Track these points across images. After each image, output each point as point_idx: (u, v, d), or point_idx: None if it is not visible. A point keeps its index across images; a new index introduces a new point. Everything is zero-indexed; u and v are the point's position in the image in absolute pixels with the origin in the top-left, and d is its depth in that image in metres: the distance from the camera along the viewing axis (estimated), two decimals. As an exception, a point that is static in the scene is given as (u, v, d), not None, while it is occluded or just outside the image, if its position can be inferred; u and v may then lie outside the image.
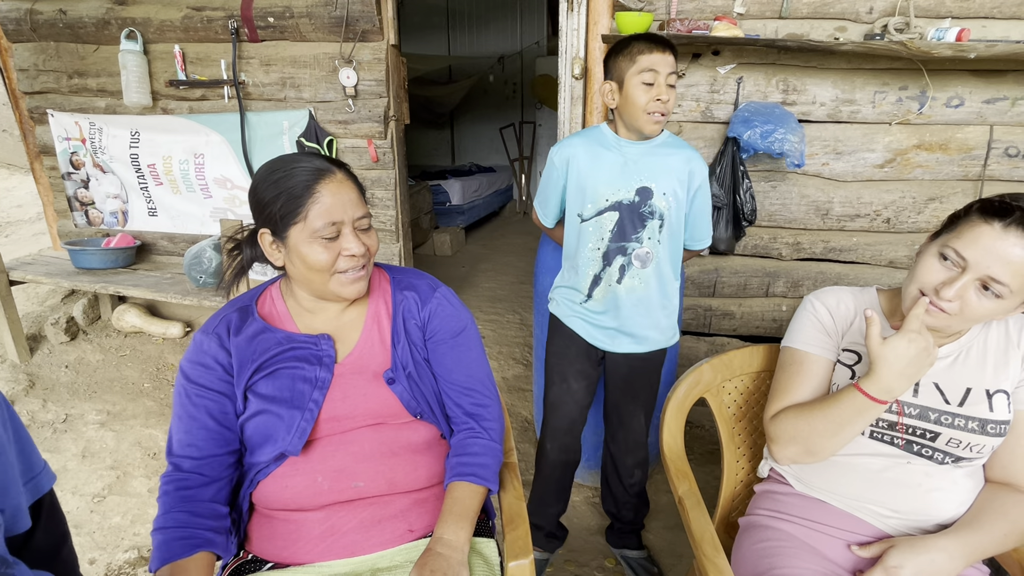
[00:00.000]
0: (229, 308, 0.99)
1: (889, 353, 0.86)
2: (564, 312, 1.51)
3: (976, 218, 0.86)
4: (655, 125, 1.31)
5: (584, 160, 1.39)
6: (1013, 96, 1.99)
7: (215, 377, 0.93)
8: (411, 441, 0.99)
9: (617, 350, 1.47)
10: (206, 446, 0.91)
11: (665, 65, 1.27)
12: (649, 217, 1.37)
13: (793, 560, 0.96)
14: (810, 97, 2.08)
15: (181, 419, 0.92)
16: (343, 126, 2.63)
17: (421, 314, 1.03)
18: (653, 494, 1.98)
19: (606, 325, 1.45)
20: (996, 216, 0.84)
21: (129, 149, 2.87)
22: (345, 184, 0.92)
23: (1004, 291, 0.84)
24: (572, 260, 1.47)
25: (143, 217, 3.03)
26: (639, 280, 1.40)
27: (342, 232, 0.91)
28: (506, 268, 4.63)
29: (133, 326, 3.10)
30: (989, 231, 0.84)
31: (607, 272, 1.40)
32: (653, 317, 1.44)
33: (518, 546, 0.96)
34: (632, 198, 1.36)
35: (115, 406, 2.55)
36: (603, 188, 1.37)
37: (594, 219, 1.38)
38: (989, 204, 0.86)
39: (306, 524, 0.92)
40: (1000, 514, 0.92)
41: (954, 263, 0.87)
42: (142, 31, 2.65)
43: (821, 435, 0.94)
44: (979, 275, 0.84)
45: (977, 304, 0.85)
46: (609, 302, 1.42)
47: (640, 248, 1.38)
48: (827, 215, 2.20)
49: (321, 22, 2.47)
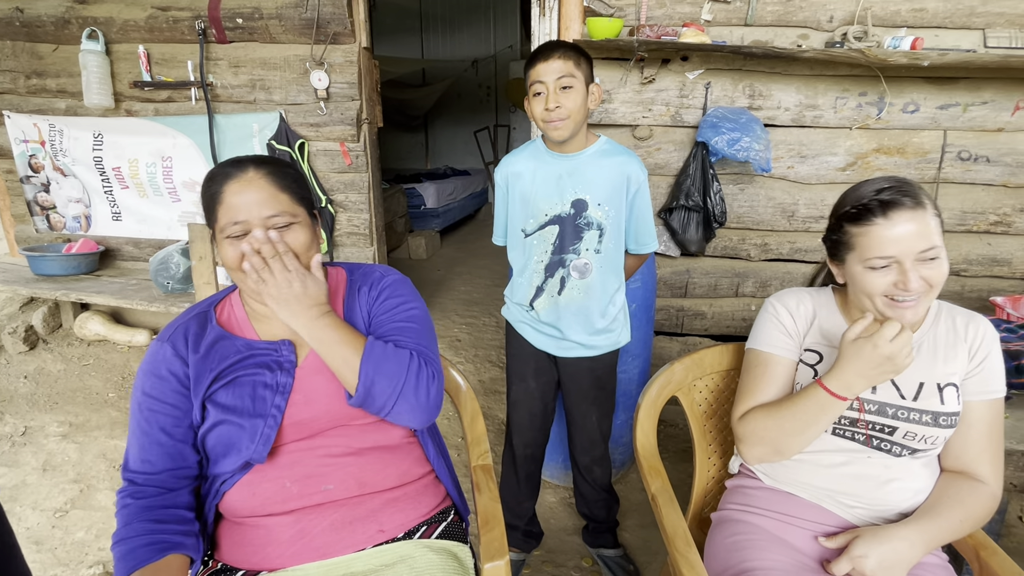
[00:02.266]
0: (186, 315, 0.97)
1: (854, 352, 0.90)
2: (514, 318, 1.55)
3: (863, 227, 0.92)
4: (557, 132, 1.31)
5: (525, 176, 1.41)
6: (964, 102, 2.08)
7: (169, 389, 0.90)
8: (379, 441, 0.98)
9: (565, 355, 1.50)
10: (160, 461, 0.89)
11: (550, 73, 1.27)
12: (586, 228, 1.38)
13: (763, 552, 0.98)
14: (775, 102, 2.15)
15: (135, 433, 0.90)
16: (315, 129, 2.60)
17: (371, 294, 1.03)
18: (629, 492, 2.00)
19: (551, 333, 1.48)
20: (874, 214, 0.90)
21: (92, 152, 2.79)
22: (256, 183, 0.89)
23: (935, 251, 0.89)
24: (518, 272, 1.50)
25: (107, 222, 2.94)
26: (578, 291, 1.42)
27: (250, 233, 0.89)
28: (481, 271, 4.62)
29: (97, 334, 3.01)
30: (885, 226, 0.89)
31: (548, 284, 1.43)
32: (595, 325, 1.46)
33: (494, 547, 0.97)
34: (568, 211, 1.38)
35: (78, 417, 2.47)
36: (542, 203, 1.39)
37: (537, 233, 1.41)
38: (854, 215, 0.93)
39: (276, 529, 0.91)
40: (955, 502, 0.96)
41: (885, 266, 0.91)
42: (104, 31, 2.58)
43: (788, 433, 0.97)
44: (914, 257, 0.89)
45: (931, 273, 0.90)
46: (550, 312, 1.45)
47: (578, 259, 1.40)
48: (793, 217, 2.27)
49: (291, 24, 2.45)
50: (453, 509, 1.08)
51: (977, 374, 0.98)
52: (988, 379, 0.98)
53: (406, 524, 0.97)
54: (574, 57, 1.29)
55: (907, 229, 0.88)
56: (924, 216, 0.89)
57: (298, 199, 0.94)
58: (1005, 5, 1.98)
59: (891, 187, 0.91)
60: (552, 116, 1.29)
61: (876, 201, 0.90)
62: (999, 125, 2.10)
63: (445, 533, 1.01)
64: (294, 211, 0.92)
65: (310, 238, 0.95)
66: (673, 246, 2.30)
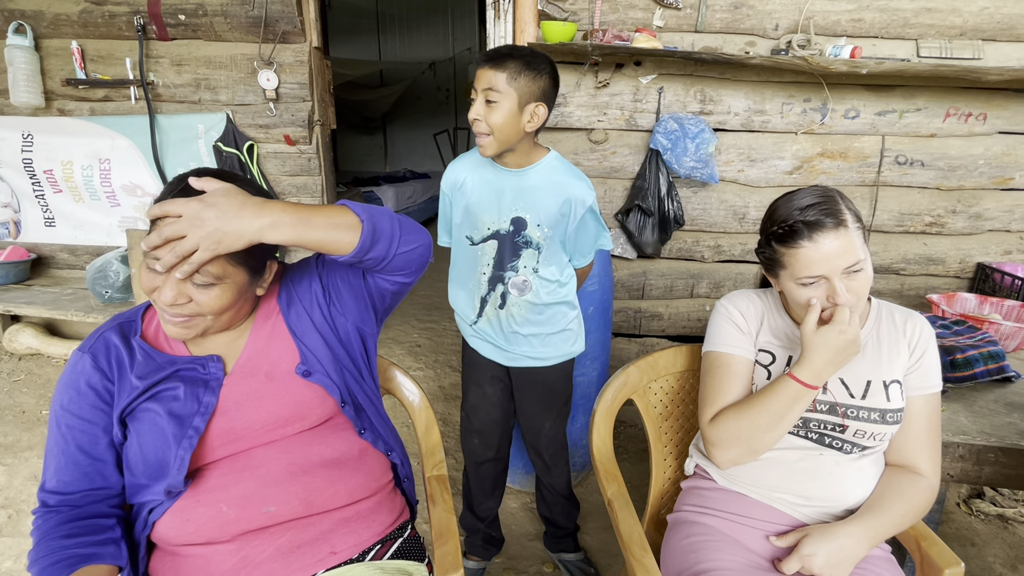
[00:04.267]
0: (108, 324, 0.89)
1: (820, 342, 0.93)
2: (464, 330, 1.53)
3: (790, 248, 0.95)
4: (480, 147, 1.24)
5: (470, 185, 1.35)
6: (900, 109, 2.18)
7: (87, 403, 0.84)
8: (324, 456, 0.93)
9: (516, 364, 1.47)
10: (76, 482, 0.83)
11: (479, 80, 1.19)
12: (524, 247, 1.33)
13: (716, 553, 0.99)
14: (725, 107, 2.20)
15: (51, 451, 0.84)
16: (264, 130, 2.51)
17: (312, 284, 0.96)
18: (589, 495, 2.01)
19: (499, 344, 1.45)
20: (801, 236, 0.93)
21: (21, 153, 2.62)
22: None
23: (863, 263, 0.94)
24: (462, 282, 1.45)
25: (39, 228, 2.77)
26: (518, 307, 1.38)
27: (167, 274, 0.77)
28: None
29: (29, 348, 2.82)
30: (810, 247, 0.93)
31: (492, 296, 1.40)
32: (541, 338, 1.42)
33: (447, 561, 0.94)
34: (508, 228, 1.32)
35: (7, 437, 2.30)
36: (484, 216, 1.34)
37: (482, 244, 1.37)
38: (781, 235, 0.96)
39: (215, 558, 0.85)
40: (897, 495, 0.99)
41: (815, 282, 0.95)
42: (33, 24, 2.43)
43: (762, 430, 0.98)
44: (839, 273, 0.93)
45: (857, 284, 0.94)
46: (495, 325, 1.42)
47: (516, 276, 1.35)
48: (744, 219, 2.32)
49: (238, 21, 2.36)
50: (410, 524, 1.04)
51: (916, 370, 1.02)
52: (926, 375, 1.02)
53: (360, 545, 0.93)
54: (510, 70, 1.17)
55: (832, 248, 0.92)
56: (847, 233, 0.92)
57: (236, 259, 0.80)
58: (936, 17, 2.09)
59: (814, 204, 0.94)
60: (475, 129, 1.21)
61: (801, 223, 0.94)
62: (932, 131, 2.21)
63: (401, 550, 0.97)
64: (222, 272, 0.80)
65: (231, 299, 0.83)
66: (630, 248, 2.33)
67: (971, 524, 1.93)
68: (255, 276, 0.87)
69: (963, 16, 2.08)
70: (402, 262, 0.90)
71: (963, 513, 1.99)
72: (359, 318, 0.99)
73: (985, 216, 2.31)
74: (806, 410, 1.01)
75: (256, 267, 0.86)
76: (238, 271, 0.82)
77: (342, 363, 0.96)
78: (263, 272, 0.89)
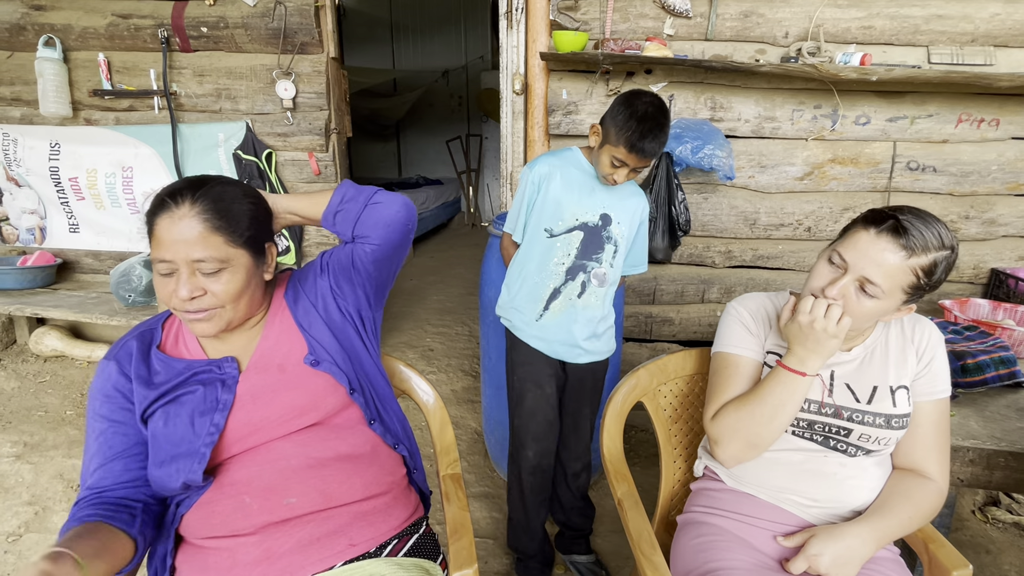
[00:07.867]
0: (131, 334, 0.96)
1: (792, 329, 0.98)
2: (520, 330, 1.53)
3: (859, 226, 0.96)
4: (604, 183, 1.43)
5: (558, 179, 1.45)
6: (911, 115, 2.19)
7: (117, 407, 0.90)
8: (339, 451, 0.97)
9: (577, 360, 1.53)
10: (109, 477, 0.88)
11: (634, 162, 1.35)
12: (607, 241, 1.46)
13: (725, 553, 1.01)
14: (736, 114, 2.22)
15: (88, 452, 0.90)
16: (282, 139, 2.58)
17: (318, 280, 1.04)
18: (601, 498, 2.02)
19: (562, 339, 1.49)
20: (872, 223, 0.93)
21: (48, 162, 2.71)
22: (186, 221, 0.84)
23: (877, 291, 0.92)
24: (530, 274, 1.49)
25: (64, 234, 2.85)
26: (594, 297, 1.48)
27: (177, 272, 0.85)
28: (454, 280, 4.62)
29: (54, 350, 2.90)
30: (865, 236, 0.93)
31: (568, 286, 1.47)
32: (599, 331, 1.53)
33: (462, 556, 0.97)
34: (596, 221, 1.45)
35: (33, 437, 2.37)
36: (574, 207, 1.44)
37: (563, 236, 1.45)
38: (871, 213, 0.95)
39: (239, 550, 0.89)
40: (905, 498, 1.00)
41: (838, 266, 0.96)
42: (62, 38, 2.52)
43: (760, 422, 1.00)
44: (857, 276, 0.93)
45: (857, 304, 0.94)
46: (567, 315, 1.48)
47: (599, 268, 1.47)
48: (755, 225, 2.33)
49: (258, 33, 2.43)
50: (425, 521, 1.07)
51: (924, 375, 1.03)
52: (934, 380, 1.03)
53: (377, 538, 0.96)
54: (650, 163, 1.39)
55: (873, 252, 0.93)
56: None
57: (234, 240, 0.88)
58: (947, 24, 2.09)
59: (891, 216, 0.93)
60: (613, 181, 1.40)
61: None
62: (944, 137, 2.21)
63: (416, 547, 1.00)
64: (225, 255, 0.87)
65: (243, 282, 0.90)
66: (641, 254, 2.34)
67: (986, 532, 1.92)
68: (258, 258, 0.94)
69: (974, 23, 2.09)
70: (375, 217, 1.02)
71: (978, 521, 1.97)
72: (356, 302, 1.05)
73: (999, 222, 2.30)
74: (812, 413, 1.02)
75: (256, 249, 0.93)
76: (240, 252, 0.89)
77: (349, 353, 1.02)
78: (264, 255, 0.96)
